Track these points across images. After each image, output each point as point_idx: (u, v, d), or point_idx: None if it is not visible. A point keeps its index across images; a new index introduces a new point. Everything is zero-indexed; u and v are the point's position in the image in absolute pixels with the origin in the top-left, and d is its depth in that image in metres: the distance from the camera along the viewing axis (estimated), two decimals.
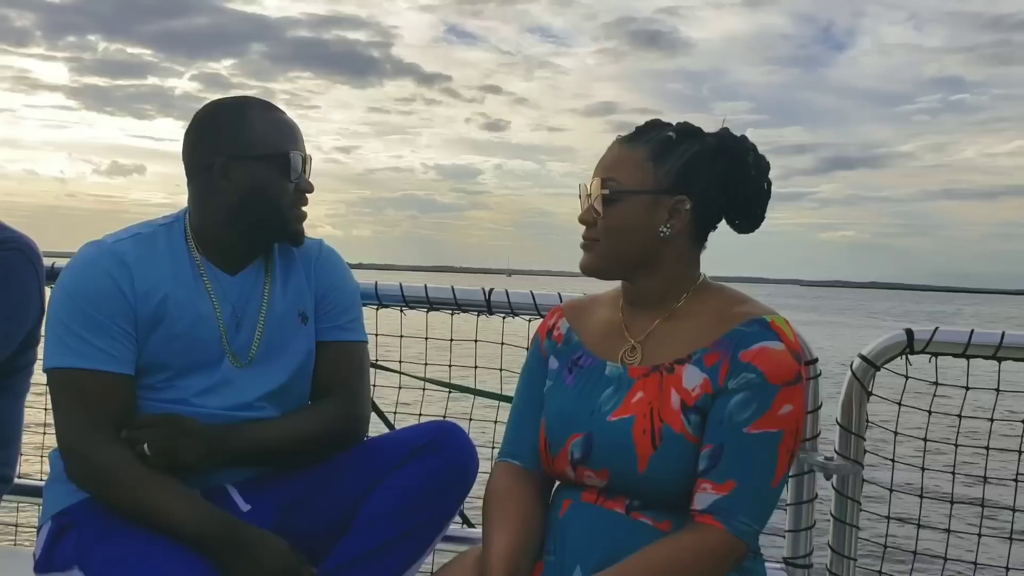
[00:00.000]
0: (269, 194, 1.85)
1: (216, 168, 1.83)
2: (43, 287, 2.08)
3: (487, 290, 2.51)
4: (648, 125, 1.67)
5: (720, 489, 1.50)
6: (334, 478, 1.88)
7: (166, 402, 1.80)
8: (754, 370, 1.53)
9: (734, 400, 1.53)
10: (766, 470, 1.51)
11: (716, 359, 1.56)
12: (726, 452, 1.51)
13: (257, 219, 1.86)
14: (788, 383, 1.53)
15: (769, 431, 1.51)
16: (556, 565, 1.59)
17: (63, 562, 1.73)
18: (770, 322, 1.57)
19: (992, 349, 2.16)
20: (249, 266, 1.91)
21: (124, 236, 1.84)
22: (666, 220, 1.61)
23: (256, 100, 1.92)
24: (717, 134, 1.67)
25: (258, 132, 1.85)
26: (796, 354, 1.56)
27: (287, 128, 1.89)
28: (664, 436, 1.55)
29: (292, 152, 1.86)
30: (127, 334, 1.77)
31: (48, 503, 1.83)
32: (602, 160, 1.67)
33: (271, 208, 1.86)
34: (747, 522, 1.50)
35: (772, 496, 1.54)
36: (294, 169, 1.86)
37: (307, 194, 1.91)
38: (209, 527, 1.68)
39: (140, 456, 1.72)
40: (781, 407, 1.52)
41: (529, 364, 1.82)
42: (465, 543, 2.14)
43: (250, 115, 1.87)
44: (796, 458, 2.21)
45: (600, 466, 1.59)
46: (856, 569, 2.25)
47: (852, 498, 2.23)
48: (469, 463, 1.90)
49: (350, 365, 1.99)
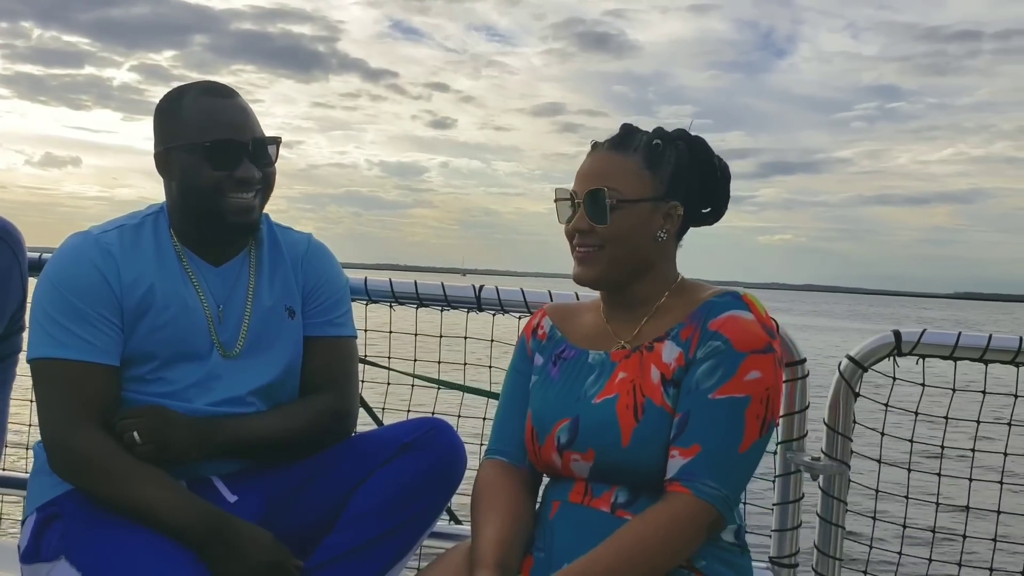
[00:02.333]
0: (199, 184, 1.79)
1: (158, 159, 1.85)
2: (25, 272, 2.04)
3: (477, 287, 2.51)
4: (628, 132, 1.71)
5: (686, 454, 1.53)
6: (322, 473, 1.88)
7: (156, 396, 1.80)
8: (720, 337, 1.57)
9: (701, 368, 1.57)
10: (732, 434, 1.53)
11: (689, 332, 1.61)
12: (692, 418, 1.54)
13: (197, 210, 1.83)
14: (756, 351, 1.56)
15: (734, 396, 1.54)
16: (545, 562, 1.60)
17: (49, 552, 1.72)
18: (742, 295, 1.63)
19: (979, 352, 2.18)
20: (233, 258, 1.90)
21: (110, 227, 1.84)
22: (662, 225, 1.67)
23: (200, 85, 1.86)
24: (683, 138, 1.72)
25: (186, 121, 1.81)
26: (767, 327, 1.59)
27: (221, 114, 1.81)
28: (646, 409, 1.58)
29: (220, 140, 1.79)
30: (112, 324, 1.76)
31: (33, 495, 1.82)
32: (591, 168, 1.69)
33: (204, 198, 1.80)
34: (714, 486, 1.51)
35: (741, 462, 1.55)
36: (221, 157, 1.79)
37: (252, 183, 1.82)
38: (194, 519, 1.68)
39: (128, 445, 1.71)
40: (747, 373, 1.54)
41: (514, 363, 1.84)
42: (452, 539, 2.13)
43: (184, 103, 1.82)
44: (782, 453, 2.22)
45: (586, 447, 1.61)
46: (841, 569, 2.26)
47: (838, 498, 2.24)
48: (457, 460, 1.91)
49: (339, 361, 1.99)
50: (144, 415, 1.74)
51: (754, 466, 1.59)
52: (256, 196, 1.84)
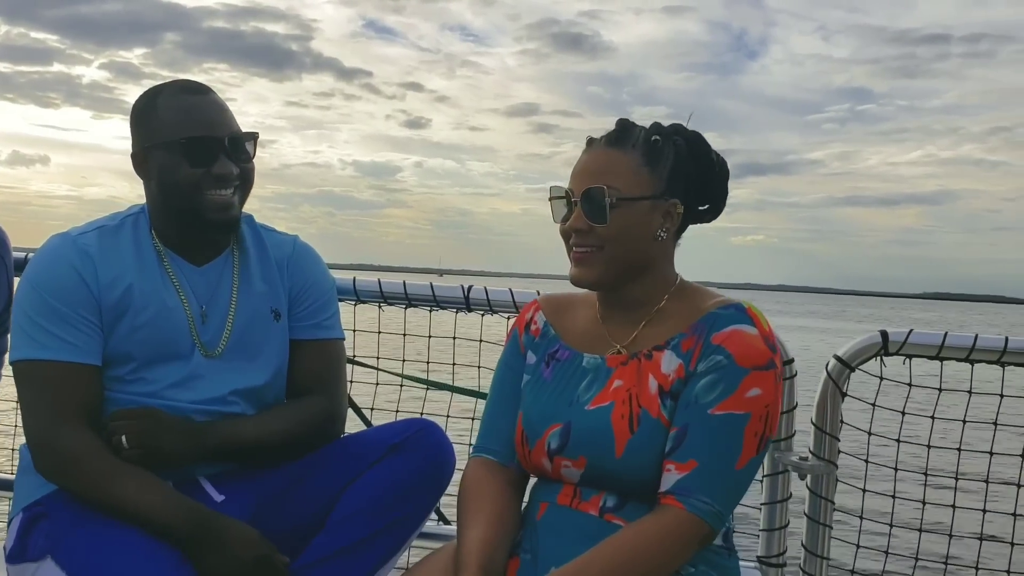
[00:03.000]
0: (177, 181, 1.80)
1: (136, 160, 1.85)
2: (11, 273, 2.04)
3: (466, 287, 2.51)
4: (625, 127, 1.65)
5: (683, 469, 1.50)
6: (310, 474, 1.88)
7: (137, 395, 1.79)
8: (723, 352, 1.53)
9: (701, 383, 1.54)
10: (729, 451, 1.51)
11: (691, 344, 1.57)
12: (690, 433, 1.52)
13: (175, 208, 1.83)
14: (758, 367, 1.53)
15: (734, 413, 1.51)
16: (531, 564, 1.59)
17: (35, 552, 1.72)
18: (747, 308, 1.59)
19: (965, 352, 2.19)
20: (216, 258, 1.90)
21: (90, 228, 1.83)
22: (662, 224, 1.63)
23: (175, 84, 1.86)
24: (680, 133, 1.67)
25: (162, 119, 1.81)
26: (769, 342, 1.56)
27: (196, 111, 1.81)
28: (642, 421, 1.55)
29: (196, 136, 1.79)
30: (92, 325, 1.76)
31: (19, 495, 1.81)
32: (587, 165, 1.64)
33: (183, 196, 1.80)
34: (708, 501, 1.49)
35: (737, 478, 1.53)
36: (198, 154, 1.79)
37: (230, 179, 1.81)
38: (180, 517, 1.67)
39: (116, 449, 1.71)
40: (748, 390, 1.52)
41: (505, 358, 1.80)
42: (441, 540, 2.13)
43: (159, 102, 1.83)
44: (770, 452, 2.23)
45: (577, 454, 1.59)
46: (829, 568, 2.26)
47: (826, 497, 2.24)
48: (446, 461, 1.90)
49: (328, 363, 1.98)
50: (137, 417, 1.73)
51: (749, 482, 1.57)
52: (235, 193, 1.84)
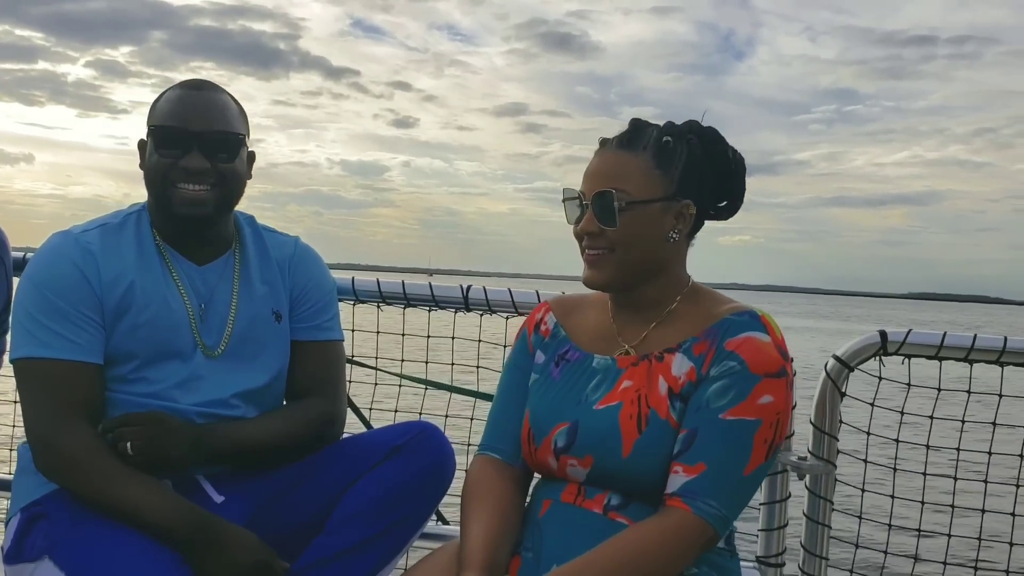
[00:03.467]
0: (150, 168, 1.82)
1: (139, 148, 1.88)
2: (10, 273, 2.03)
3: (465, 287, 2.51)
4: (637, 128, 1.65)
5: (691, 471, 1.51)
6: (310, 476, 1.88)
7: (139, 396, 1.78)
8: (736, 358, 1.54)
9: (713, 387, 1.54)
10: (738, 456, 1.51)
11: (704, 348, 1.58)
12: (700, 436, 1.52)
13: (154, 199, 1.85)
14: (770, 375, 1.53)
15: (745, 419, 1.51)
16: (533, 562, 1.58)
17: (33, 552, 1.71)
18: (760, 315, 1.59)
19: (964, 351, 2.19)
20: (217, 258, 1.90)
21: (92, 226, 1.83)
22: (673, 226, 1.63)
23: (186, 81, 1.89)
24: (694, 131, 1.66)
25: (156, 109, 1.85)
26: (782, 350, 1.57)
27: (181, 104, 1.82)
28: (650, 421, 1.56)
29: (168, 126, 1.79)
30: (94, 323, 1.75)
31: (17, 495, 1.81)
32: (598, 168, 1.63)
33: (155, 185, 1.82)
34: (714, 505, 1.49)
35: (744, 484, 1.53)
36: (167, 144, 1.78)
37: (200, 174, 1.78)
38: (179, 519, 1.67)
39: (121, 454, 1.70)
40: (760, 397, 1.52)
41: (514, 358, 1.80)
42: (440, 540, 2.12)
43: (165, 94, 1.87)
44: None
45: (584, 453, 1.59)
46: (828, 568, 2.26)
47: (824, 497, 2.24)
48: (446, 464, 1.90)
49: (328, 365, 1.98)
50: (143, 423, 1.72)
51: (755, 488, 1.57)
52: (210, 191, 1.80)
